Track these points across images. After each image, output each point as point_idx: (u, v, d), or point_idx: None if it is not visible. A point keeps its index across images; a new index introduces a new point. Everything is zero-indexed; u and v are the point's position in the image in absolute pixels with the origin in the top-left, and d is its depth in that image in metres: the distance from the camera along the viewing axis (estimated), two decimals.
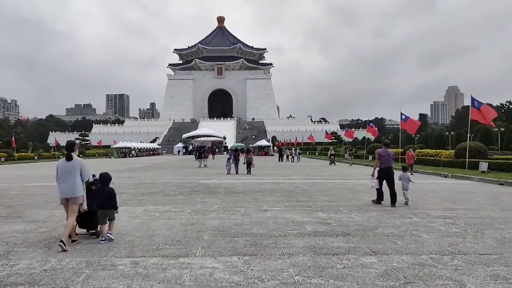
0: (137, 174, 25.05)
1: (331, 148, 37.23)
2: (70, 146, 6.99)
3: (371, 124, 47.25)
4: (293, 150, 51.89)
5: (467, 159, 22.41)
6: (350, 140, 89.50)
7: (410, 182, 11.50)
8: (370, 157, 39.48)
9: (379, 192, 11.27)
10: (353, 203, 11.55)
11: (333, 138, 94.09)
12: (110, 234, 6.97)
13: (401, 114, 33.11)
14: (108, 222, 7.06)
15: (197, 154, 35.98)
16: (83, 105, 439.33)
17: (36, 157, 60.42)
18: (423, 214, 9.64)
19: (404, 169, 11.98)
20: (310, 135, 72.69)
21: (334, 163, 35.64)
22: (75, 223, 7.00)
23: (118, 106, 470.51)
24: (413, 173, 22.66)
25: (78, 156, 7.65)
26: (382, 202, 11.24)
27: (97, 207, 6.97)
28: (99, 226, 7.06)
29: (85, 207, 6.95)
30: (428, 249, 6.36)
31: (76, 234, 7.13)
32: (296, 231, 7.67)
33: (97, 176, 7.30)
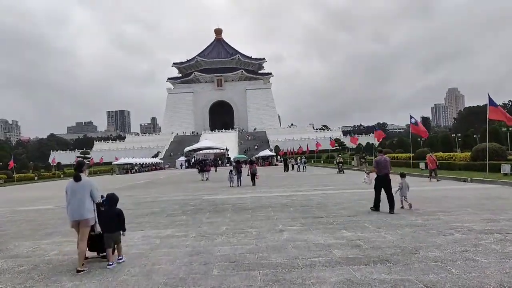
0: (138, 192, 23.80)
1: (339, 155, 35.84)
2: (79, 166, 6.80)
3: (378, 129, 46.54)
4: (298, 159, 50.59)
5: (487, 161, 21.09)
6: (354, 146, 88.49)
7: (408, 189, 11.69)
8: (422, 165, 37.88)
9: (377, 199, 11.36)
10: (378, 217, 10.27)
11: (336, 145, 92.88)
12: (121, 259, 6.75)
13: (411, 117, 32.15)
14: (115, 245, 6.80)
15: (199, 167, 35.41)
16: (84, 123, 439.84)
17: (36, 178, 59.30)
18: (463, 229, 8.35)
19: (402, 176, 11.94)
20: (317, 142, 71.38)
21: (343, 171, 34.28)
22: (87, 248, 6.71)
23: (119, 122, 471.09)
24: (438, 179, 21.21)
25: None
26: (379, 209, 11.29)
27: (103, 229, 6.69)
28: (107, 250, 6.72)
29: (98, 229, 6.67)
30: (495, 279, 5.08)
31: (86, 258, 6.73)
32: (323, 259, 6.40)
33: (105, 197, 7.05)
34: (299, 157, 55.24)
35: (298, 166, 47.29)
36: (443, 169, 27.91)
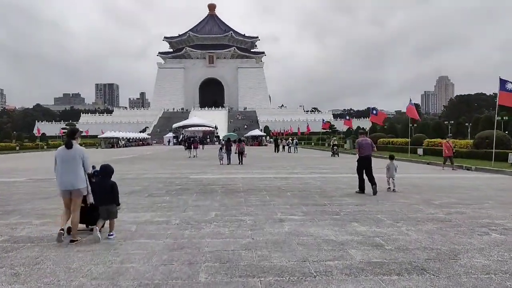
0: (121, 167, 22.20)
1: (334, 138, 34.49)
2: (72, 132, 6.40)
3: (374, 112, 44.23)
4: (289, 140, 49.27)
5: (493, 150, 19.91)
6: (345, 130, 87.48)
7: (395, 171, 11.70)
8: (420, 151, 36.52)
9: (361, 181, 11.30)
10: (392, 209, 8.95)
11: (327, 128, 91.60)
12: (112, 235, 6.29)
13: (410, 100, 31.49)
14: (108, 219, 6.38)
15: (186, 144, 34.63)
16: (71, 95, 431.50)
17: (17, 148, 57.05)
18: (497, 227, 7.06)
19: (391, 158, 12.19)
20: (307, 124, 70.02)
21: (338, 155, 33.01)
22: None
23: (108, 95, 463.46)
24: (454, 168, 19.51)
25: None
26: (365, 191, 11.17)
27: (98, 202, 6.29)
28: (98, 221, 6.31)
29: (91, 200, 6.34)
30: None
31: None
32: (341, 263, 5.02)
33: (98, 168, 6.60)
34: (291, 138, 54.00)
35: (289, 147, 46.04)
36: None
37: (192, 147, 32.84)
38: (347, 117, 45.01)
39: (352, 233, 6.59)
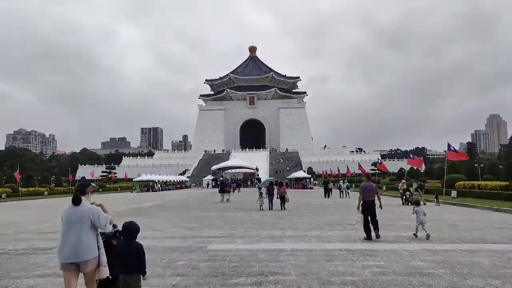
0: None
1: (403, 181, 27.51)
2: (82, 186, 5.20)
3: (411, 156, 40.77)
4: (340, 183, 42.43)
5: None
6: (396, 171, 78.94)
7: (425, 215, 11.15)
8: (454, 193, 29.41)
9: (367, 228, 11.06)
10: None
11: (378, 169, 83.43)
12: None
13: (448, 145, 29.52)
14: None
15: (220, 187, 31.56)
16: (117, 139, 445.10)
17: (46, 193, 53.55)
18: None
19: (417, 204, 12.00)
20: (380, 162, 63.29)
21: (411, 203, 25.79)
22: None
23: (152, 139, 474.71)
24: None
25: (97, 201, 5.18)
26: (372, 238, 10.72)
27: (118, 270, 4.85)
28: None
29: (105, 273, 4.78)
30: None
31: None
32: None
33: (119, 227, 5.17)
34: (341, 181, 47.02)
35: (341, 191, 39.27)
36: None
37: (225, 190, 29.25)
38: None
39: None
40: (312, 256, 8.75)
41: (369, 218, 11.11)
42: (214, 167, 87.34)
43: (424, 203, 25.31)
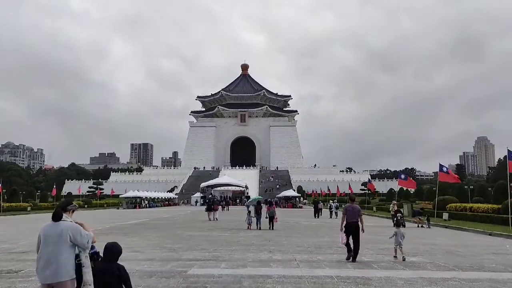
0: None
1: (394, 202, 26.97)
2: (65, 203, 4.99)
3: (402, 176, 38.82)
4: (330, 203, 41.84)
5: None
6: (370, 192, 78.68)
7: (403, 238, 11.37)
8: (445, 215, 28.98)
9: (349, 247, 11.09)
10: None
11: (367, 189, 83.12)
12: None
13: (440, 166, 29.36)
14: None
15: (207, 205, 30.94)
16: (107, 154, 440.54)
17: (29, 208, 52.03)
18: None
19: (398, 225, 12.11)
20: (370, 182, 63.16)
21: (404, 225, 25.20)
22: None
23: (142, 155, 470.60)
24: None
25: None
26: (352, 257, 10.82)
27: None
28: None
29: None
30: None
31: None
32: None
33: (97, 248, 4.97)
34: (331, 200, 46.44)
35: (331, 212, 38.67)
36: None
37: (212, 208, 28.47)
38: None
39: None
40: (300, 284, 8.09)
41: (352, 239, 11.12)
42: (203, 184, 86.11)
43: (423, 226, 25.02)
